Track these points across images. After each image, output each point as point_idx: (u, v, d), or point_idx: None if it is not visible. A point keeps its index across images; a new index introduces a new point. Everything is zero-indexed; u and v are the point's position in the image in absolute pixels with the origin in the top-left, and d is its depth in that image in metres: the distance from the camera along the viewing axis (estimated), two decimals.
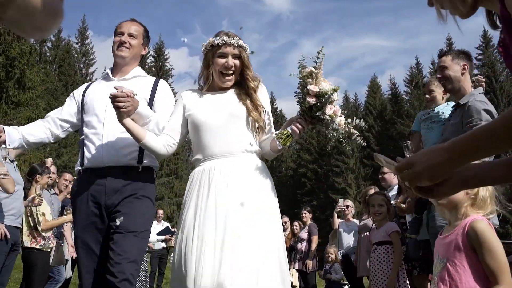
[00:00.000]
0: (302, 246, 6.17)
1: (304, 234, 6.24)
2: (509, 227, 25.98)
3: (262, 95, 2.07)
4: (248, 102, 1.99)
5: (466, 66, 2.68)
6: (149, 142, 1.92)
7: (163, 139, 1.99)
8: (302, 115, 1.94)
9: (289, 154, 33.64)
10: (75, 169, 2.25)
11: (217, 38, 1.96)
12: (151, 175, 2.19)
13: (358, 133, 1.92)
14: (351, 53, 74.04)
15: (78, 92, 2.35)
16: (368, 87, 38.46)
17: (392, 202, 3.45)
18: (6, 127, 2.09)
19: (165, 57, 36.79)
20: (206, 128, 1.95)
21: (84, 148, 2.16)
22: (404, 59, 73.64)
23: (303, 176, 33.89)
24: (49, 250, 4.10)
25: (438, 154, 0.85)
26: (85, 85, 2.40)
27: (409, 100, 35.32)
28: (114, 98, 1.85)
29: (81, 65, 32.94)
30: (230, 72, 1.98)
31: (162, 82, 2.32)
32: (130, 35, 2.26)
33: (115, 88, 1.88)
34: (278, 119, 42.89)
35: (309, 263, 5.87)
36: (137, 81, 2.26)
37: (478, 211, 1.51)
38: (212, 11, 74.11)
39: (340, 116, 1.92)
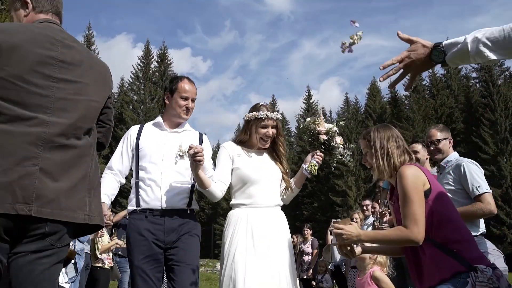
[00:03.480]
0: (308, 258, 7.13)
1: (308, 248, 7.19)
2: (505, 228, 26.60)
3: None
4: (282, 166, 2.58)
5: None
6: (213, 189, 2.40)
7: (219, 186, 2.44)
8: (317, 148, 2.58)
9: (290, 156, 34.12)
10: (130, 207, 2.54)
11: (261, 112, 2.49)
12: (195, 215, 2.60)
13: (349, 154, 2.64)
14: (351, 52, 74.40)
15: (131, 137, 2.63)
16: (368, 89, 38.97)
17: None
18: (106, 203, 2.45)
19: (168, 62, 37.33)
20: (253, 181, 2.45)
21: (141, 190, 2.50)
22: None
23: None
24: (108, 268, 5.16)
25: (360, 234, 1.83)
26: (136, 129, 2.68)
27: (408, 104, 35.84)
28: (195, 154, 2.24)
29: None
30: (269, 139, 2.55)
31: (205, 138, 2.73)
32: (193, 100, 2.65)
33: (190, 146, 2.26)
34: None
35: (310, 273, 6.87)
36: (186, 135, 2.64)
37: (376, 266, 2.95)
38: (212, 11, 74.33)
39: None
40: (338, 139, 2.58)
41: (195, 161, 2.28)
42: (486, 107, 30.78)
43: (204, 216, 38.39)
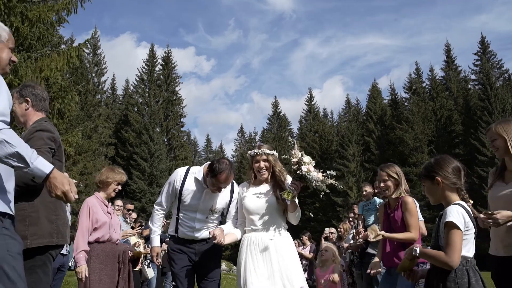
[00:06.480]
0: (306, 261, 7.92)
1: (306, 253, 8.04)
2: None
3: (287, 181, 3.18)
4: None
5: None
6: (238, 237, 3.18)
7: (241, 229, 3.22)
8: (293, 178, 3.05)
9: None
10: (170, 233, 3.38)
11: (252, 151, 3.18)
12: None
13: (332, 181, 3.08)
14: (353, 52, 74.00)
15: (177, 183, 3.31)
16: (368, 91, 39.43)
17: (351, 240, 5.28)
18: (157, 248, 3.39)
19: (172, 65, 37.84)
20: (252, 211, 3.11)
21: (179, 226, 3.29)
22: (407, 57, 73.69)
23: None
24: (138, 270, 5.97)
25: None
26: (182, 176, 3.32)
27: (408, 106, 36.36)
28: (217, 243, 2.99)
29: (93, 74, 34.14)
30: (262, 171, 3.16)
31: (235, 188, 3.36)
32: (224, 187, 3.20)
33: (213, 236, 2.94)
34: (282, 122, 43.64)
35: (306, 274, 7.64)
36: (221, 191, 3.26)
37: (334, 263, 4.43)
38: (215, 10, 74.45)
39: (317, 172, 3.03)
40: (305, 168, 2.96)
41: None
42: (484, 110, 31.30)
43: None
